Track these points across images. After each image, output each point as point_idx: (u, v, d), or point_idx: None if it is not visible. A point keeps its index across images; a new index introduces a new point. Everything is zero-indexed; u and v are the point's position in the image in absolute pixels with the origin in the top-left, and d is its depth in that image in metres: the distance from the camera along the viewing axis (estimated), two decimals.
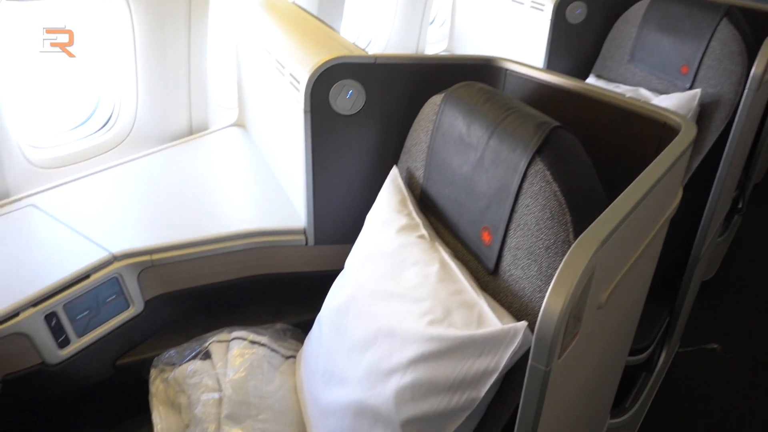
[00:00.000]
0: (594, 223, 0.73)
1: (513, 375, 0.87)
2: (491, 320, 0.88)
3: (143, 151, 1.74)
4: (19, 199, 1.47)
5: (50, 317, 1.18)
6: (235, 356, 1.24)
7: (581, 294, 0.67)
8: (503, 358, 0.83)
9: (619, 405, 1.68)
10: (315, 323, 1.26)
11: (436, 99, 1.17)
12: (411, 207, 1.14)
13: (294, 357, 1.33)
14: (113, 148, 1.73)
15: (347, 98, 1.27)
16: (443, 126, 1.12)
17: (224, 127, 1.90)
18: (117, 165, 1.66)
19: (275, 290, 1.48)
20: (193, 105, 1.86)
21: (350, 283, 1.13)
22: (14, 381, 1.16)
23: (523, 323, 0.82)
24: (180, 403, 1.23)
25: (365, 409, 0.97)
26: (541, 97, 1.21)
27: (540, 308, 0.85)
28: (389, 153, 1.33)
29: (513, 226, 0.93)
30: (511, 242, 0.94)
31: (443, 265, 1.00)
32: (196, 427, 1.14)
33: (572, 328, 0.69)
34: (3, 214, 1.42)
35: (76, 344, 1.23)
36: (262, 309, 1.48)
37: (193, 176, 1.64)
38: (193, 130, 1.88)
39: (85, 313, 1.24)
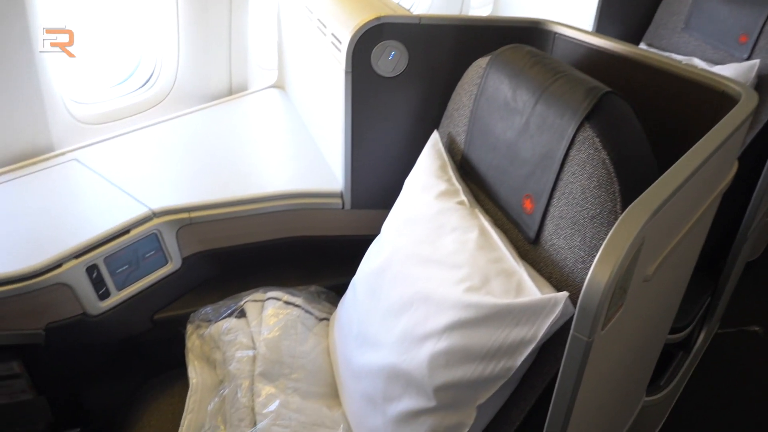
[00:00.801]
0: (646, 192, 0.69)
1: (550, 346, 0.86)
2: (530, 289, 0.86)
3: (183, 110, 1.75)
4: (63, 154, 1.50)
5: (91, 269, 1.21)
6: (269, 316, 1.26)
7: (629, 265, 0.65)
8: (541, 328, 0.81)
9: (653, 383, 1.65)
10: (350, 286, 1.26)
11: (481, 62, 1.13)
12: (451, 173, 1.12)
13: (327, 319, 1.34)
14: (154, 106, 1.74)
15: (389, 60, 1.24)
16: (488, 90, 1.09)
17: (263, 89, 1.89)
18: (157, 123, 1.68)
19: (310, 253, 1.49)
20: (234, 65, 1.85)
21: (387, 248, 1.12)
22: (57, 330, 1.20)
23: (564, 293, 0.80)
24: (215, 358, 1.25)
25: (398, 373, 0.97)
26: (592, 62, 1.16)
27: (581, 279, 0.83)
28: (430, 117, 1.30)
29: (557, 194, 0.91)
30: (554, 211, 0.91)
31: (482, 232, 0.98)
32: (230, 383, 1.16)
33: (617, 299, 0.67)
34: (47, 168, 1.45)
35: (116, 297, 1.26)
36: (297, 271, 1.49)
37: (231, 136, 1.64)
38: (232, 91, 1.88)
39: (125, 267, 1.27)
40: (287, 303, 1.29)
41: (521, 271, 0.89)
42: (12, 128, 1.42)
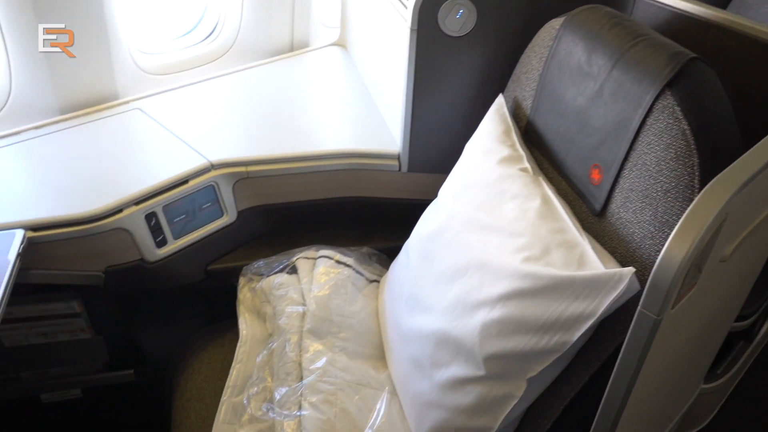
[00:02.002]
0: (731, 166, 0.65)
1: (609, 323, 0.82)
2: (593, 262, 0.82)
3: (244, 65, 1.74)
4: (127, 102, 1.52)
5: (150, 217, 1.23)
6: (320, 274, 1.26)
7: (708, 242, 0.61)
8: (603, 304, 0.78)
9: (711, 370, 1.59)
10: (402, 249, 1.24)
11: (555, 23, 1.07)
12: (515, 138, 1.08)
13: (378, 281, 1.33)
14: (216, 59, 1.74)
15: (457, 18, 1.19)
16: (560, 53, 1.03)
17: (325, 46, 1.87)
18: (218, 76, 1.68)
19: (364, 214, 1.48)
20: (296, 22, 1.83)
21: (443, 212, 1.09)
22: (116, 273, 1.23)
23: (630, 269, 0.76)
24: (265, 312, 1.26)
25: (448, 339, 0.95)
26: (676, 27, 1.09)
27: (649, 256, 0.79)
28: (495, 80, 1.25)
29: (628, 165, 0.86)
30: (623, 183, 0.86)
31: (545, 200, 0.94)
32: (279, 337, 1.17)
33: (691, 278, 0.63)
34: (111, 116, 1.47)
35: (172, 245, 1.28)
36: (350, 231, 1.48)
37: (291, 93, 1.63)
38: (293, 47, 1.87)
39: (182, 216, 1.28)
40: (339, 262, 1.29)
41: (584, 244, 0.85)
42: (81, 75, 1.44)
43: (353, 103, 1.59)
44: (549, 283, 0.82)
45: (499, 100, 1.17)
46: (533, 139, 1.10)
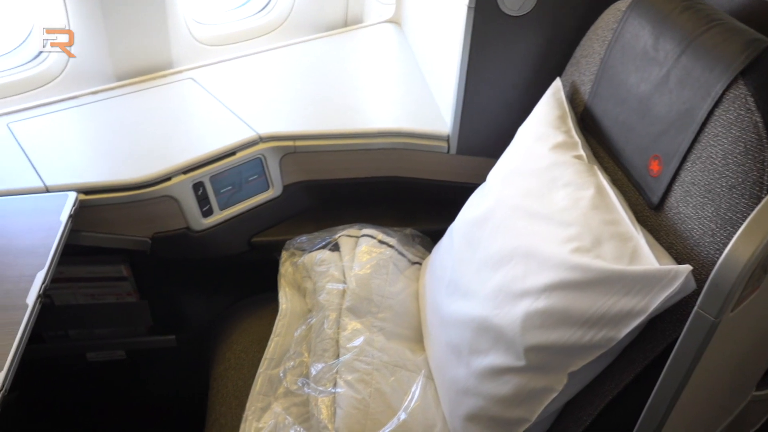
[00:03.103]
0: None
1: (659, 322, 0.78)
2: (647, 257, 0.78)
3: (297, 39, 1.74)
4: (180, 72, 1.54)
5: (197, 186, 1.24)
6: (362, 252, 1.25)
7: None
8: (655, 301, 0.74)
9: (763, 377, 1.52)
10: (446, 233, 1.22)
11: (621, 5, 1.02)
12: (571, 124, 1.04)
13: (420, 264, 1.32)
14: (269, 32, 1.74)
15: None
16: (624, 36, 0.98)
17: (379, 22, 1.84)
18: (271, 49, 1.68)
19: (409, 195, 1.46)
20: None
21: (491, 197, 1.06)
22: (162, 240, 1.25)
23: (687, 266, 0.72)
24: (305, 287, 1.26)
25: (488, 327, 0.93)
26: (753, 13, 1.02)
27: (708, 254, 0.75)
28: (553, 63, 1.21)
29: (692, 157, 0.81)
30: (685, 176, 0.82)
31: (599, 190, 0.90)
32: (318, 313, 1.17)
33: (755, 280, 0.59)
34: (165, 84, 1.49)
35: (218, 216, 1.29)
36: (393, 212, 1.47)
37: (342, 68, 1.62)
38: (347, 23, 1.85)
39: (229, 188, 1.29)
40: (381, 242, 1.28)
41: (639, 237, 0.81)
42: (138, 43, 1.46)
43: (404, 82, 1.56)
44: (598, 276, 0.79)
45: (556, 84, 1.12)
46: (590, 126, 1.06)
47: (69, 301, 1.39)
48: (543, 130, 1.05)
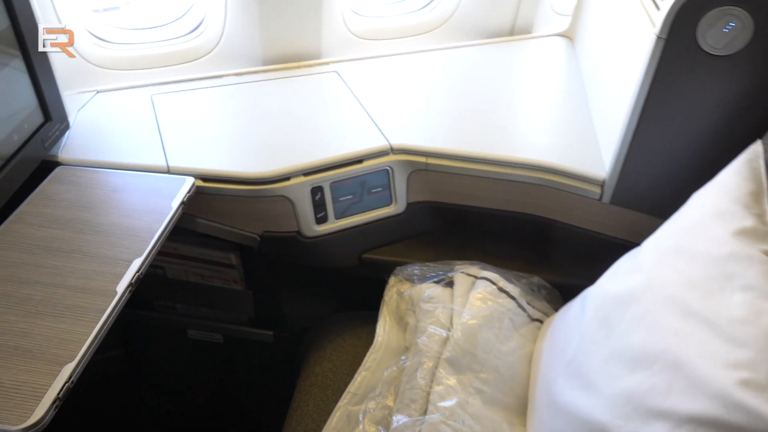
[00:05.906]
0: None
1: None
2: None
3: (456, 43, 1.60)
4: (327, 63, 1.47)
5: (316, 191, 1.16)
6: (477, 298, 1.10)
7: None
8: None
9: None
10: (579, 297, 1.03)
11: None
12: (767, 206, 0.81)
13: (541, 321, 1.14)
14: (427, 31, 1.63)
15: (724, 32, 0.93)
16: None
17: (549, 35, 1.65)
18: (425, 51, 1.56)
19: (544, 238, 1.28)
20: (523, 3, 1.64)
21: (642, 274, 0.87)
22: (271, 239, 1.19)
23: None
24: (407, 322, 1.15)
25: None
26: None
27: None
28: (755, 118, 0.97)
29: None
30: None
31: None
32: (414, 357, 1.05)
33: None
34: (308, 74, 1.44)
35: (332, 225, 1.21)
36: (522, 253, 1.30)
37: (498, 82, 1.46)
38: (514, 31, 1.68)
39: (349, 197, 1.20)
40: (501, 290, 1.12)
41: None
42: (289, 30, 1.41)
43: (565, 109, 1.37)
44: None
45: (756, 149, 0.89)
46: None
47: (180, 276, 1.39)
48: (727, 206, 0.83)
